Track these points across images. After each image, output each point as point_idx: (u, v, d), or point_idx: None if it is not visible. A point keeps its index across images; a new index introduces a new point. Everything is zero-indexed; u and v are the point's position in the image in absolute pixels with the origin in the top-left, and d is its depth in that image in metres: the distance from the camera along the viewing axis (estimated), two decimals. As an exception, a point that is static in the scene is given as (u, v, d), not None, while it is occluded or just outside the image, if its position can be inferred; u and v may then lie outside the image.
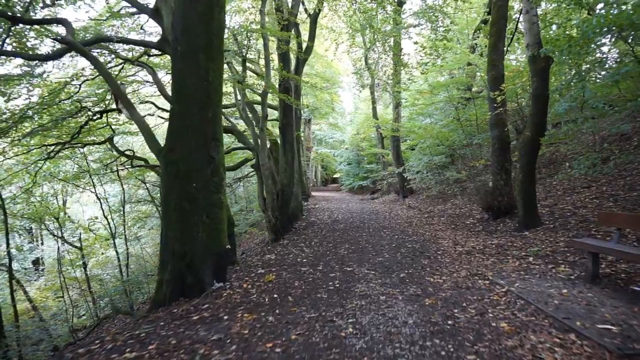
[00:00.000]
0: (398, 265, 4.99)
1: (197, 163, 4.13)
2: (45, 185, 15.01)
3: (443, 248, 6.19)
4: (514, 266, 4.65)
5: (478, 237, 6.98)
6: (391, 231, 8.19)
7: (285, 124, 9.61)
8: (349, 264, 5.14)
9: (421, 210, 11.53)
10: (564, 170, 7.77)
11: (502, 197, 7.87)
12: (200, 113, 4.16)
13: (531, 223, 6.64)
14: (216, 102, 4.30)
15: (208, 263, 4.15)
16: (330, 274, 4.68)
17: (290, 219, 9.94)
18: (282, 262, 5.38)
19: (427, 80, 13.28)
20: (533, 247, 5.38)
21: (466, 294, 3.68)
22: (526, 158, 6.74)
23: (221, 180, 4.31)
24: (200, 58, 4.16)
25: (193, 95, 4.16)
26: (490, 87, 8.04)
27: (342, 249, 6.27)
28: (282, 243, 7.48)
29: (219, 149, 4.30)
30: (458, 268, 4.79)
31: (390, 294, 3.79)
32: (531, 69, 6.64)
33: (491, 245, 6.06)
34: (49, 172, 12.75)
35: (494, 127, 8.00)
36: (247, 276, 4.70)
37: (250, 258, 5.91)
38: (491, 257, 5.28)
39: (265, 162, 8.29)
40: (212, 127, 4.22)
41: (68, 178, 13.42)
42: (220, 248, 4.26)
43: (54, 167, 13.16)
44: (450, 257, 5.52)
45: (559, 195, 8.08)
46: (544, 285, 3.73)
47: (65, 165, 14.17)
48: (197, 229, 4.09)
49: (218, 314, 3.35)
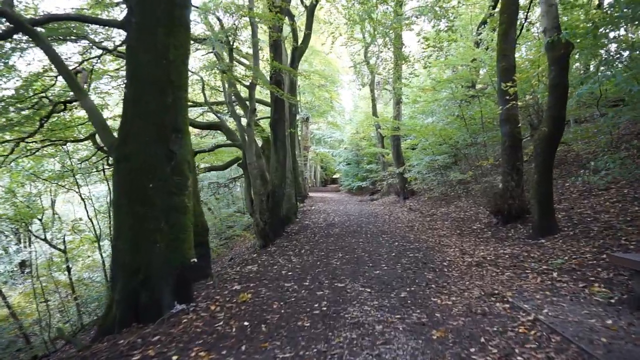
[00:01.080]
0: (398, 281, 4.25)
1: (154, 159, 3.40)
2: (30, 185, 14.31)
3: (449, 258, 5.44)
4: (536, 283, 3.91)
5: (488, 244, 6.23)
6: (391, 237, 7.45)
7: (276, 119, 8.86)
8: (340, 279, 4.40)
9: (423, 213, 10.79)
10: (585, 173, 6.99)
11: (513, 200, 7.12)
12: (158, 98, 3.43)
13: (547, 229, 5.90)
14: (179, 85, 3.57)
15: (167, 280, 3.41)
16: (318, 291, 3.93)
17: (282, 222, 9.21)
18: (264, 275, 4.64)
19: (429, 74, 12.54)
20: (555, 259, 4.64)
21: (483, 323, 2.94)
22: (542, 156, 6.00)
23: (185, 179, 3.57)
24: (158, 32, 3.43)
25: (149, 77, 3.43)
26: (501, 80, 7.31)
27: (334, 259, 5.53)
28: (270, 250, 6.73)
29: (183, 142, 3.56)
30: (469, 285, 4.05)
31: (389, 321, 3.05)
32: (549, 56, 5.90)
33: (504, 256, 5.32)
34: (32, 172, 12.07)
35: (505, 123, 7.26)
36: (219, 294, 3.95)
37: (228, 269, 5.18)
38: (506, 271, 4.54)
39: (253, 161, 7.55)
40: (172, 115, 3.49)
41: (52, 177, 12.73)
42: (183, 261, 3.52)
43: (38, 165, 12.47)
44: (459, 269, 4.78)
45: (575, 198, 7.34)
46: (580, 313, 2.99)
47: (49, 164, 13.47)
48: (154, 238, 3.36)
49: (167, 352, 2.61)
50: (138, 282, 3.31)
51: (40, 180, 12.85)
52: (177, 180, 3.51)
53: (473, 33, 13.76)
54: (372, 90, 18.00)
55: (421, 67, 11.99)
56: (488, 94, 11.21)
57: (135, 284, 3.31)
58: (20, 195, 13.20)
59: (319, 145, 29.23)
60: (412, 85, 13.59)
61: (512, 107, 7.08)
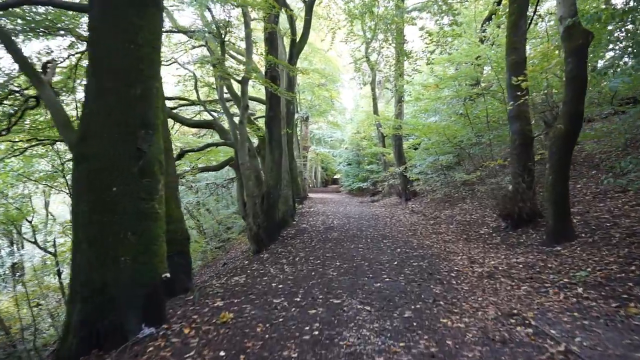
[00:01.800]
0: (402, 296, 3.76)
1: (119, 158, 2.93)
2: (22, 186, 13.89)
3: (457, 268, 4.95)
4: (559, 301, 3.42)
5: (498, 251, 5.74)
6: (393, 242, 6.96)
7: (272, 117, 8.38)
8: (337, 293, 3.92)
9: (426, 216, 10.30)
10: (609, 175, 6.49)
11: (524, 203, 6.63)
12: (125, 89, 2.95)
13: (563, 235, 5.42)
14: (150, 74, 3.09)
15: (134, 300, 2.93)
16: (311, 309, 3.45)
17: (278, 225, 8.73)
18: (252, 289, 4.15)
19: (432, 70, 12.06)
20: (577, 271, 4.14)
21: (504, 355, 2.46)
22: (558, 156, 5.52)
23: (156, 182, 3.10)
24: (125, 11, 2.96)
25: (114, 64, 2.96)
26: (510, 74, 6.82)
27: (331, 269, 5.04)
28: (262, 257, 6.25)
29: (154, 139, 3.09)
30: (482, 301, 3.56)
31: (391, 351, 2.57)
32: (565, 47, 5.41)
33: (518, 265, 4.83)
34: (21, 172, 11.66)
35: (515, 120, 6.78)
36: (197, 312, 3.48)
37: (213, 281, 4.69)
38: (522, 284, 4.05)
39: (246, 161, 7.07)
40: (142, 108, 3.01)
41: (41, 178, 12.32)
42: (153, 277, 3.05)
43: (28, 166, 12.05)
44: (469, 282, 4.29)
45: (589, 201, 6.86)
46: (621, 343, 2.50)
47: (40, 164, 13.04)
48: (118, 251, 2.88)
49: (120, 395, 2.14)
50: (99, 303, 2.84)
51: (31, 181, 12.45)
52: (147, 183, 3.03)
53: (477, 30, 13.30)
54: (373, 89, 17.54)
55: (424, 64, 11.49)
56: (494, 91, 10.72)
57: (96, 305, 2.84)
58: (10, 196, 12.80)
59: (319, 145, 28.74)
60: (414, 82, 13.11)
61: (523, 103, 6.59)
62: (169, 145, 4.22)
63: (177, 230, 4.15)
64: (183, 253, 4.16)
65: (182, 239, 4.16)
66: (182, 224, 4.19)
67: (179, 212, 4.21)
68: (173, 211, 4.16)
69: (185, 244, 4.19)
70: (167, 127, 4.30)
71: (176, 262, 4.07)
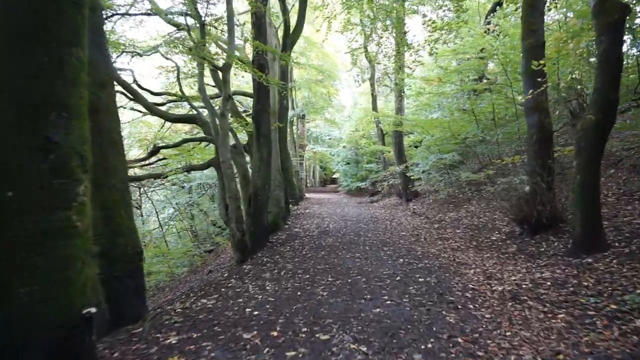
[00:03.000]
0: (407, 329, 2.95)
1: (16, 152, 2.11)
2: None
3: (472, 285, 4.14)
4: (616, 339, 2.61)
5: (517, 263, 4.93)
6: (394, 250, 6.15)
7: (259, 110, 7.56)
8: (325, 324, 3.10)
9: (429, 219, 9.49)
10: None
11: (544, 206, 5.82)
12: (23, 58, 2.13)
13: (594, 244, 4.63)
14: (67, 39, 2.26)
15: (37, 350, 2.10)
16: (289, 350, 2.63)
17: (266, 230, 7.89)
18: (219, 317, 3.33)
19: (436, 61, 11.26)
20: (623, 293, 3.33)
21: None
22: (587, 151, 4.73)
23: (74, 183, 2.27)
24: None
25: (12, 23, 2.14)
26: (527, 60, 6.03)
27: (321, 286, 4.22)
28: (244, 269, 5.42)
29: (72, 126, 2.26)
30: (511, 338, 2.74)
31: None
32: (597, 24, 4.63)
33: (545, 283, 4.01)
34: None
35: (533, 112, 5.99)
36: (140, 355, 2.65)
37: (176, 304, 3.87)
38: (558, 311, 3.23)
39: (227, 158, 6.25)
40: (49, 83, 2.19)
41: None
42: (68, 315, 2.22)
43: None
44: (489, 306, 3.47)
45: (613, 204, 6.08)
46: None
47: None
48: (17, 281, 2.06)
49: None
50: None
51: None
52: (60, 186, 2.20)
53: (480, 23, 12.57)
54: (372, 85, 16.79)
55: (427, 54, 10.69)
56: (500, 85, 9.94)
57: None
58: None
59: (317, 144, 27.94)
60: (415, 76, 12.31)
61: (541, 92, 5.80)
62: (116, 137, 3.40)
63: (127, 243, 3.33)
64: (134, 273, 3.34)
65: (133, 255, 3.33)
66: (133, 235, 3.37)
67: (129, 222, 3.39)
68: (122, 220, 3.34)
69: (137, 261, 3.36)
70: (115, 112, 3.48)
71: (125, 285, 3.25)
